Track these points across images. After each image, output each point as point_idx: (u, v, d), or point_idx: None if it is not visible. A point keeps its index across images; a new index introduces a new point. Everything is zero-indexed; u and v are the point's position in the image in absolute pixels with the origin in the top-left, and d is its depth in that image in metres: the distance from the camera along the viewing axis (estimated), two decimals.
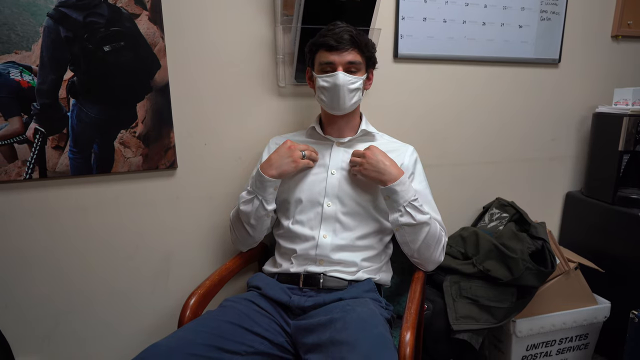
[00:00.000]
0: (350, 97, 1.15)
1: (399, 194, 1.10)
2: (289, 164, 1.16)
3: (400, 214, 1.11)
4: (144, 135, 1.29)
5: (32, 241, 1.25)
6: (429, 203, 1.21)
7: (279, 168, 1.15)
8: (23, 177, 1.20)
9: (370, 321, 0.96)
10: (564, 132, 1.81)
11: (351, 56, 1.13)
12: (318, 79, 1.16)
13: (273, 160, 1.16)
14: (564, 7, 1.65)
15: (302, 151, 1.17)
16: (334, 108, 1.17)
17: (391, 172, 1.10)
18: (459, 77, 1.61)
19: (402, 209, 1.10)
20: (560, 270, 1.51)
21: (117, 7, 1.20)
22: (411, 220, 1.10)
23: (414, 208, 1.11)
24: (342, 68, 1.13)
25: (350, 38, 1.11)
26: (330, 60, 1.13)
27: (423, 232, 1.12)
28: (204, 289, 1.11)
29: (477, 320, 1.40)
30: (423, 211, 1.12)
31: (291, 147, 1.17)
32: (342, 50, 1.11)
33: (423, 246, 1.14)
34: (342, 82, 1.12)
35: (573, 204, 1.84)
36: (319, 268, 1.14)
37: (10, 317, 1.25)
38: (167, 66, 1.28)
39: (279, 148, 1.19)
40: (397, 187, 1.10)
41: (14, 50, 1.14)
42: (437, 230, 1.16)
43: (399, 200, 1.10)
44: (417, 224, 1.11)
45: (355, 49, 1.13)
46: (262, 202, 1.17)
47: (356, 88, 1.15)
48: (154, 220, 1.36)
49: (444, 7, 1.52)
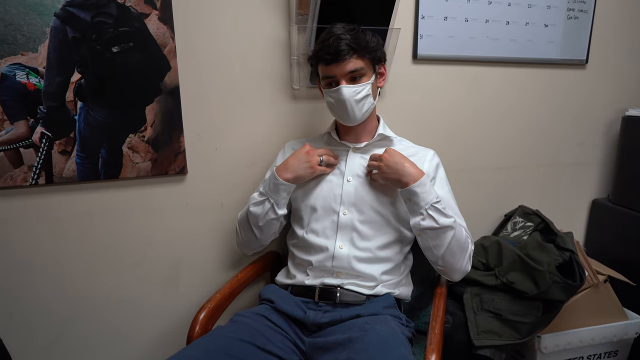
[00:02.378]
0: (360, 107, 1.09)
1: (419, 196, 1.03)
2: (306, 169, 1.11)
3: (422, 217, 1.04)
4: (153, 139, 1.25)
5: (38, 248, 1.21)
6: (452, 209, 1.13)
7: (295, 172, 1.11)
8: (29, 182, 1.16)
9: (391, 341, 0.90)
10: (590, 136, 1.73)
11: (351, 64, 1.05)
12: (325, 94, 1.13)
13: (289, 163, 1.12)
14: (592, 5, 1.57)
15: (320, 156, 1.12)
16: (346, 121, 1.13)
17: (410, 172, 1.04)
18: (480, 79, 1.54)
19: (424, 212, 1.03)
20: (589, 283, 1.44)
21: (126, 6, 1.16)
22: (434, 223, 1.03)
23: (437, 211, 1.03)
24: (345, 79, 1.06)
25: (346, 46, 1.03)
26: (331, 74, 1.07)
27: (447, 237, 1.04)
28: (214, 302, 1.06)
29: (500, 335, 1.33)
30: (447, 214, 1.05)
31: (309, 152, 1.12)
32: (340, 62, 1.04)
33: (448, 253, 1.06)
34: (347, 96, 1.06)
35: (599, 212, 1.76)
36: (336, 280, 1.08)
37: (15, 325, 1.22)
38: (177, 68, 1.23)
39: (297, 151, 1.14)
40: (417, 188, 1.03)
41: (20, 52, 1.10)
42: (463, 236, 1.08)
43: (420, 202, 1.03)
44: (440, 228, 1.03)
45: (355, 55, 1.05)
46: (274, 206, 1.13)
47: (364, 96, 1.08)
48: (163, 226, 1.31)
49: (466, 5, 1.45)
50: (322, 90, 1.15)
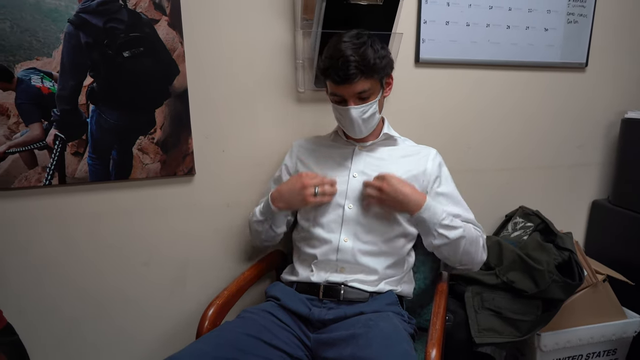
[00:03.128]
0: (366, 125, 1.14)
1: (427, 220, 1.07)
2: (299, 202, 1.13)
3: (433, 237, 1.08)
4: (162, 141, 1.28)
5: (50, 247, 1.25)
6: (460, 204, 1.18)
7: (288, 203, 1.15)
8: (43, 183, 1.20)
9: (394, 337, 0.93)
10: (590, 138, 1.75)
11: (359, 86, 1.07)
12: (333, 107, 1.16)
13: (284, 193, 1.15)
14: (592, 9, 1.60)
15: (315, 187, 1.11)
16: (352, 135, 1.17)
17: (413, 199, 1.06)
18: (482, 82, 1.57)
19: (435, 232, 1.07)
20: (588, 283, 1.46)
21: (137, 12, 1.19)
22: (445, 240, 1.08)
23: (446, 227, 1.07)
24: (353, 100, 1.09)
25: (355, 69, 1.04)
26: (339, 94, 1.10)
27: (461, 245, 1.09)
28: (222, 299, 1.09)
29: (501, 333, 1.36)
30: (455, 226, 1.08)
31: (305, 184, 1.11)
32: (349, 84, 1.06)
33: (464, 256, 1.11)
34: (355, 116, 1.10)
35: (599, 213, 1.78)
36: (340, 276, 1.11)
37: (24, 323, 1.24)
38: (186, 72, 1.27)
39: (293, 180, 1.15)
40: (424, 214, 1.06)
41: (35, 57, 1.13)
42: (474, 234, 1.12)
43: (429, 225, 1.07)
44: (452, 241, 1.08)
45: (363, 77, 1.06)
46: (272, 226, 1.21)
47: (370, 115, 1.12)
48: (171, 227, 1.35)
49: (467, 10, 1.48)
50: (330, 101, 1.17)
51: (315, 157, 1.24)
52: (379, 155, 1.21)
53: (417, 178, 1.16)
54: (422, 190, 1.16)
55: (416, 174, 1.17)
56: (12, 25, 1.10)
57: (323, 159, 1.23)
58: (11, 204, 1.19)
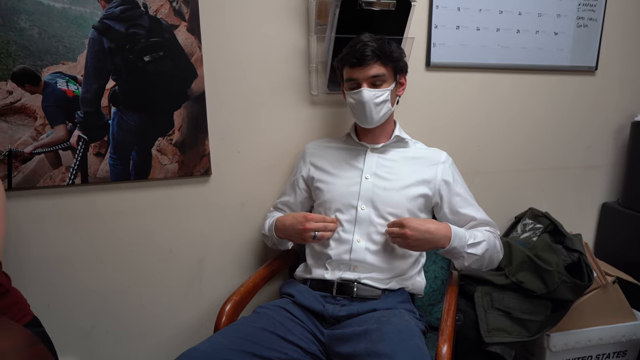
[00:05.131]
0: (378, 111, 1.16)
1: (457, 248, 1.10)
2: (299, 240, 1.22)
3: (463, 259, 1.12)
4: (180, 142, 1.32)
5: (73, 244, 1.29)
6: (472, 205, 1.21)
7: (288, 237, 1.24)
8: (66, 182, 1.25)
9: (407, 332, 0.96)
10: (600, 140, 1.76)
11: (374, 70, 1.12)
12: (347, 95, 1.19)
13: (287, 226, 1.20)
14: (602, 13, 1.61)
15: (315, 231, 1.14)
16: (363, 122, 1.19)
17: (441, 236, 1.08)
18: (492, 85, 1.59)
19: (464, 254, 1.11)
20: (598, 284, 1.47)
21: (158, 18, 1.24)
22: (474, 258, 1.11)
23: (472, 246, 1.10)
24: (367, 83, 1.13)
25: (371, 52, 1.11)
26: (354, 77, 1.14)
27: (486, 256, 1.13)
28: (239, 295, 1.13)
29: (510, 333, 1.37)
30: (479, 241, 1.12)
31: (306, 228, 1.14)
32: (364, 66, 1.12)
33: (489, 262, 1.16)
34: (367, 99, 1.13)
35: (609, 215, 1.79)
36: (353, 274, 1.14)
37: (51, 316, 1.28)
38: (203, 75, 1.31)
39: (298, 219, 1.17)
40: (455, 243, 1.09)
41: (61, 61, 1.18)
42: (492, 240, 1.15)
43: (459, 250, 1.10)
44: (480, 256, 1.12)
45: (379, 62, 1.12)
46: (275, 244, 1.30)
47: (383, 101, 1.15)
48: (188, 225, 1.39)
49: (477, 15, 1.51)
50: (345, 92, 1.21)
51: (328, 159, 1.27)
52: (390, 157, 1.24)
53: (428, 182, 1.19)
54: (434, 193, 1.19)
55: (427, 178, 1.19)
56: (40, 32, 1.15)
57: (335, 161, 1.26)
58: (37, 202, 1.24)
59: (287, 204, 1.34)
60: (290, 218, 1.21)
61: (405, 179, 1.19)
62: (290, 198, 1.33)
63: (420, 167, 1.21)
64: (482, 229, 1.17)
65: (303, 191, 1.30)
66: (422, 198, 1.19)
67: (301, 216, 1.17)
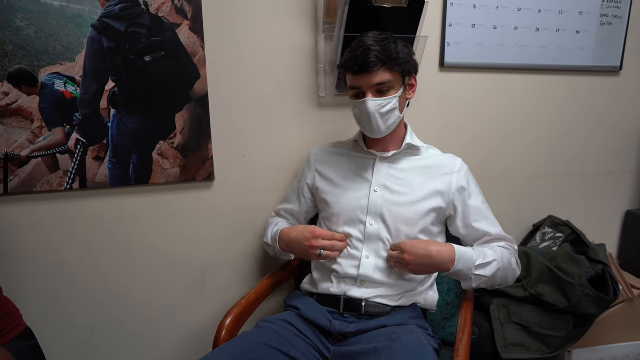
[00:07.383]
0: (385, 121, 1.07)
1: (463, 271, 1.03)
2: (303, 256, 1.16)
3: (471, 281, 1.05)
4: (182, 146, 1.27)
5: (71, 250, 1.25)
6: (487, 219, 1.13)
7: (292, 251, 1.17)
8: (64, 187, 1.20)
9: (418, 351, 0.90)
10: (624, 145, 1.68)
11: (379, 77, 1.03)
12: (352, 104, 1.11)
13: (292, 240, 1.14)
14: (627, 10, 1.53)
15: (322, 249, 1.08)
16: (370, 133, 1.11)
17: (443, 257, 1.02)
18: (509, 87, 1.52)
19: (472, 276, 1.04)
20: (623, 298, 1.39)
21: (159, 16, 1.19)
22: (482, 279, 1.05)
23: (480, 267, 1.04)
24: (371, 92, 1.04)
25: (375, 57, 1.00)
26: (357, 85, 1.06)
27: (498, 277, 1.07)
28: (240, 308, 1.07)
29: (529, 349, 1.30)
30: (489, 262, 1.05)
31: (312, 245, 1.09)
32: (367, 74, 1.03)
33: (502, 280, 1.09)
34: (372, 109, 1.04)
35: (634, 224, 1.70)
36: (360, 291, 1.07)
37: (48, 324, 1.25)
38: (206, 76, 1.26)
39: (303, 234, 1.12)
40: (460, 265, 1.02)
41: (59, 62, 1.14)
42: (506, 259, 1.08)
43: (465, 272, 1.04)
44: (490, 278, 1.05)
45: (383, 67, 1.02)
46: (277, 254, 1.23)
47: (390, 110, 1.06)
48: (190, 231, 1.34)
49: (495, 12, 1.43)
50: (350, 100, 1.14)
51: (334, 168, 1.20)
52: (401, 166, 1.15)
53: (442, 194, 1.11)
54: (448, 205, 1.12)
55: (441, 189, 1.11)
56: (37, 31, 1.11)
57: (342, 170, 1.18)
58: (33, 208, 1.20)
59: (290, 211, 1.28)
60: (296, 232, 1.14)
61: (418, 192, 1.11)
62: (294, 206, 1.26)
63: (434, 177, 1.13)
64: (495, 244, 1.10)
65: (308, 200, 1.24)
66: (435, 212, 1.11)
67: (308, 231, 1.11)
